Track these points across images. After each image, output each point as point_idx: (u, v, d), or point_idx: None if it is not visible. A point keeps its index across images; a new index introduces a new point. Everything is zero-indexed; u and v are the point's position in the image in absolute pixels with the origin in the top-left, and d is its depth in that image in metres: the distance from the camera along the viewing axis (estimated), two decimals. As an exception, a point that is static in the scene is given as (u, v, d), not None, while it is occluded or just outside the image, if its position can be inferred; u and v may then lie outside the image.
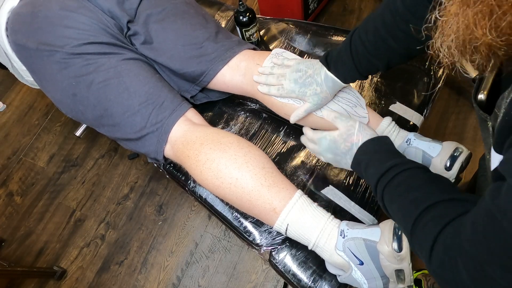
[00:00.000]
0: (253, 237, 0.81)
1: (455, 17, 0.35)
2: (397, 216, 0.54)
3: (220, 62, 0.84)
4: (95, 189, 1.52)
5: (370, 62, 0.67)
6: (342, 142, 0.66)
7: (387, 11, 0.62)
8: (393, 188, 0.55)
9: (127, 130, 0.81)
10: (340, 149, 0.66)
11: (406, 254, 0.60)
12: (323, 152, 0.70)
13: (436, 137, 0.77)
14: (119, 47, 0.82)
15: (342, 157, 0.67)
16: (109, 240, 1.42)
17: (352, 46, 0.67)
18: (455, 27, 0.36)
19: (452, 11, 0.36)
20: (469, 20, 0.34)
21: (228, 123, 0.95)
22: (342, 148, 0.66)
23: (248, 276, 1.29)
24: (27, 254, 1.44)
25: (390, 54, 0.65)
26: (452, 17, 0.36)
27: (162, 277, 1.34)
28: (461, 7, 0.34)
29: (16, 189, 1.56)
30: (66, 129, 1.67)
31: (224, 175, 0.70)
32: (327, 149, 0.69)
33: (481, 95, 0.48)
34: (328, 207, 0.81)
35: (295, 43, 1.03)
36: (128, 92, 0.78)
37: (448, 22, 0.37)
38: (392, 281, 0.63)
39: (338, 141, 0.67)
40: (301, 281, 0.76)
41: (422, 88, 0.92)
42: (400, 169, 0.55)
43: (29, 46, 0.80)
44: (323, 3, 1.67)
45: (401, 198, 0.53)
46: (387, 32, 0.62)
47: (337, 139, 0.67)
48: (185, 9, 0.88)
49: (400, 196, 0.53)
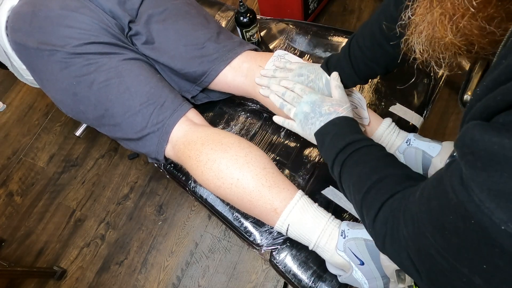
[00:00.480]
0: (253, 237, 0.81)
1: (423, 16, 0.38)
2: (350, 188, 0.55)
3: (221, 63, 0.84)
4: (95, 189, 1.52)
5: (368, 67, 0.68)
6: (328, 105, 0.65)
7: (382, 16, 0.62)
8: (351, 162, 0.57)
9: (128, 130, 0.81)
10: (320, 109, 0.66)
11: (407, 254, 0.60)
12: (302, 104, 0.69)
13: (436, 137, 0.77)
14: (120, 47, 0.82)
15: (315, 119, 0.66)
16: (109, 240, 1.42)
17: (350, 51, 0.68)
18: (423, 26, 0.39)
19: (421, 11, 0.38)
20: (434, 20, 0.36)
21: (228, 123, 0.95)
22: (324, 110, 0.65)
23: (248, 276, 1.29)
24: (27, 254, 1.44)
25: (388, 59, 0.66)
26: (421, 16, 0.38)
27: (162, 277, 1.34)
28: (427, 8, 0.37)
29: (16, 189, 1.56)
30: (66, 129, 1.67)
31: (225, 175, 0.70)
32: (309, 102, 0.68)
33: (467, 96, 0.49)
34: (328, 207, 0.81)
35: (295, 44, 1.03)
36: (129, 92, 0.78)
37: (418, 21, 0.40)
38: (393, 281, 0.63)
39: (325, 102, 0.66)
40: (302, 281, 0.76)
41: (422, 89, 0.92)
42: (360, 145, 0.57)
43: (29, 46, 0.80)
44: (323, 3, 1.67)
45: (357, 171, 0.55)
46: (383, 37, 0.63)
47: (325, 100, 0.67)
48: (186, 10, 0.88)
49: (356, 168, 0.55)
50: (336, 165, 0.59)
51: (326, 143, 0.63)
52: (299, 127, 0.70)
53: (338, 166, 0.58)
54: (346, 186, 0.58)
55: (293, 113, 0.71)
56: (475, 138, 0.28)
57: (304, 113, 0.68)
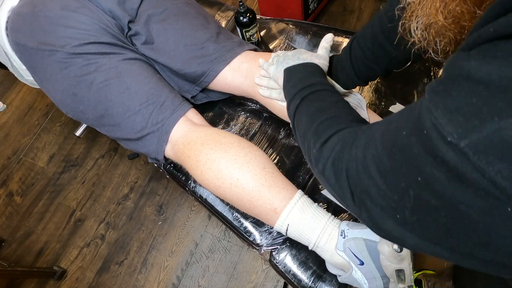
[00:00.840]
0: (253, 237, 0.81)
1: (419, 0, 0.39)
2: (303, 121, 0.56)
3: (221, 63, 0.84)
4: (95, 189, 1.52)
5: (369, 68, 0.68)
6: (308, 55, 0.68)
7: (384, 18, 0.62)
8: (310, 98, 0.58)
9: (127, 130, 0.81)
10: (299, 56, 0.68)
11: (407, 254, 0.60)
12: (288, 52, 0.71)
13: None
14: (120, 47, 0.82)
15: (291, 61, 0.68)
16: (109, 240, 1.42)
17: (351, 52, 0.68)
18: (420, 9, 0.40)
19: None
20: (428, 4, 0.38)
21: (228, 123, 0.95)
22: (303, 57, 0.68)
23: (248, 276, 1.29)
24: (27, 254, 1.44)
25: (389, 60, 0.66)
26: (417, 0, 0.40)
27: (162, 277, 1.34)
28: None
29: (16, 189, 1.56)
30: (66, 129, 1.67)
31: (224, 175, 0.70)
32: (293, 52, 0.70)
33: None
34: (328, 207, 0.81)
35: (295, 44, 1.03)
36: (128, 92, 0.78)
37: (414, 5, 0.41)
38: (393, 281, 0.63)
39: (307, 53, 0.69)
40: (302, 281, 0.76)
41: (422, 89, 0.92)
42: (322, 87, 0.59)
43: (29, 46, 0.80)
44: (323, 3, 1.67)
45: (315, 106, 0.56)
46: (384, 38, 0.63)
47: (307, 52, 0.69)
48: (186, 10, 0.88)
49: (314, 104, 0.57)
50: (295, 99, 0.60)
51: (292, 80, 0.64)
52: (274, 67, 0.71)
53: (297, 100, 0.59)
54: (299, 119, 0.58)
55: (274, 56, 0.73)
56: (449, 60, 0.30)
57: (285, 56, 0.70)
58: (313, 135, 0.51)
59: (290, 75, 0.66)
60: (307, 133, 0.53)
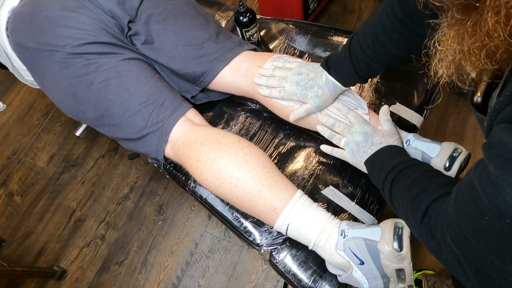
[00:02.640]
0: (253, 237, 0.81)
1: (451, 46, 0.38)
2: (399, 201, 0.58)
3: (220, 63, 0.84)
4: (95, 189, 1.52)
5: (369, 66, 0.68)
6: (379, 136, 0.71)
7: (384, 16, 0.62)
8: (399, 178, 0.60)
9: (127, 130, 0.81)
10: (372, 139, 0.71)
11: (407, 254, 0.60)
12: (355, 134, 0.73)
13: (436, 137, 0.77)
14: (120, 47, 0.82)
15: (366, 147, 0.71)
16: (109, 240, 1.42)
17: (351, 50, 0.68)
18: (451, 55, 0.39)
19: (449, 42, 0.38)
20: (464, 51, 0.37)
21: (228, 123, 0.95)
22: (376, 140, 0.70)
23: (248, 276, 1.29)
24: (27, 254, 1.44)
25: (389, 58, 0.66)
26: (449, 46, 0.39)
27: (162, 277, 1.34)
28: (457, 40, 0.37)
29: (16, 189, 1.56)
30: (66, 129, 1.67)
31: (224, 175, 0.70)
32: (361, 132, 0.73)
33: (477, 98, 0.49)
34: (328, 207, 0.81)
35: (295, 44, 1.03)
36: (128, 92, 0.78)
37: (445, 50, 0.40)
38: (393, 280, 0.63)
39: (377, 133, 0.71)
40: (302, 281, 0.76)
41: (422, 89, 0.92)
42: (407, 164, 0.61)
43: (29, 46, 0.80)
44: (323, 3, 1.67)
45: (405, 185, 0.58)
46: (385, 36, 0.63)
47: (377, 131, 0.72)
48: (186, 10, 0.88)
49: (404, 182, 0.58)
50: (386, 184, 0.62)
51: (376, 168, 0.67)
52: (350, 155, 0.74)
53: (388, 185, 0.62)
54: (396, 200, 0.60)
55: (344, 142, 0.75)
56: (504, 140, 0.29)
57: (356, 142, 0.73)
58: (411, 213, 0.53)
59: (372, 165, 0.69)
60: (407, 211, 0.55)
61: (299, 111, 0.77)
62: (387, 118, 0.75)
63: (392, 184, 0.61)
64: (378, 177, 0.65)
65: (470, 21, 0.34)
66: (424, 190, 0.53)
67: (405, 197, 0.56)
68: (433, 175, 0.58)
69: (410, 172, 0.60)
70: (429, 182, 0.55)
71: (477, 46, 0.35)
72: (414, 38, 0.61)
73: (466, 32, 0.35)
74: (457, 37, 0.37)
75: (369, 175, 0.70)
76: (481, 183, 0.34)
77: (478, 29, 0.33)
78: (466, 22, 0.34)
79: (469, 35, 0.35)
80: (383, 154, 0.68)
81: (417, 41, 0.62)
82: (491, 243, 0.34)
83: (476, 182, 0.35)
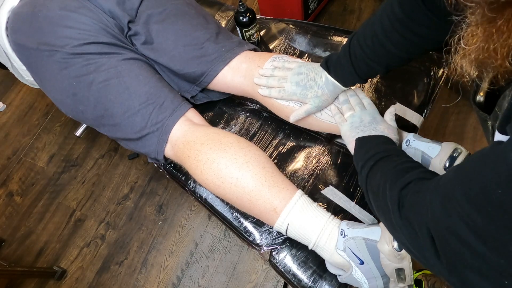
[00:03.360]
0: (253, 237, 0.81)
1: (477, 44, 0.37)
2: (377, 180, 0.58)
3: (220, 63, 0.84)
4: (95, 189, 1.52)
5: (369, 66, 0.68)
6: (385, 126, 0.71)
7: (385, 16, 0.62)
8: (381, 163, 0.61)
9: (127, 130, 0.81)
10: (377, 126, 0.71)
11: (407, 253, 0.60)
12: (364, 112, 0.73)
13: (436, 137, 0.77)
14: (120, 47, 0.82)
15: (366, 128, 0.71)
16: (109, 240, 1.42)
17: (351, 51, 0.68)
18: (475, 53, 0.38)
19: (475, 40, 0.37)
20: (490, 49, 0.36)
21: (228, 123, 0.95)
22: (380, 127, 0.71)
23: (248, 276, 1.29)
24: (27, 254, 1.44)
25: (389, 58, 0.66)
26: (474, 44, 0.37)
27: (162, 277, 1.34)
28: (485, 38, 0.36)
29: (16, 189, 1.56)
30: (66, 129, 1.67)
31: (224, 175, 0.70)
32: (371, 114, 0.73)
33: (479, 97, 0.49)
34: (328, 207, 0.81)
35: (295, 44, 1.03)
36: (128, 92, 0.79)
37: (469, 48, 0.38)
38: (393, 280, 0.63)
39: (384, 123, 0.72)
40: (301, 281, 0.76)
41: (422, 89, 0.92)
42: (395, 152, 0.62)
43: (29, 46, 0.80)
44: (323, 3, 1.67)
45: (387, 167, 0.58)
46: (385, 37, 0.63)
47: (384, 122, 0.73)
48: (186, 10, 0.88)
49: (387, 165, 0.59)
50: (369, 162, 0.63)
51: (365, 148, 0.67)
52: (347, 127, 0.73)
53: (370, 162, 0.62)
54: (372, 177, 0.60)
55: (351, 114, 0.74)
56: None
57: (361, 119, 0.73)
58: (390, 183, 0.53)
59: (362, 143, 0.69)
60: (381, 187, 0.55)
61: (299, 112, 0.77)
62: (392, 118, 0.75)
63: (376, 162, 0.61)
64: (364, 155, 0.65)
65: (503, 19, 0.33)
66: (411, 168, 0.54)
67: (386, 174, 0.56)
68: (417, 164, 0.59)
69: (402, 158, 0.60)
70: (414, 166, 0.56)
71: (506, 44, 0.34)
72: (414, 38, 0.61)
73: (496, 30, 0.34)
74: (485, 35, 0.36)
75: (354, 152, 0.70)
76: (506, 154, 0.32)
77: (511, 26, 0.33)
78: (498, 20, 0.34)
79: (499, 33, 0.34)
80: (379, 140, 0.68)
81: (417, 42, 0.62)
82: (493, 220, 0.32)
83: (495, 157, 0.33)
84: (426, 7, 0.56)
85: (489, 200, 0.33)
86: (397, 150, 0.64)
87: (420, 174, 0.52)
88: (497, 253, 0.33)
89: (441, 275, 0.41)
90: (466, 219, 0.35)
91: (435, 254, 0.41)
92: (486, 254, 0.34)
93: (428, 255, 0.42)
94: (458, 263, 0.37)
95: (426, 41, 0.61)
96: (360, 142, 0.69)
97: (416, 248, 0.45)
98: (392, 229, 0.52)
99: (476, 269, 0.35)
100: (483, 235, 0.34)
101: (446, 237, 0.38)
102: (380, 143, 0.67)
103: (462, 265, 0.37)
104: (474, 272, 0.36)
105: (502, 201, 0.31)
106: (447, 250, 0.39)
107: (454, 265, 0.38)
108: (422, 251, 0.43)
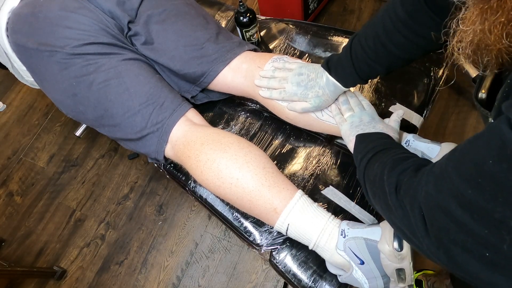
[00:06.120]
0: (253, 237, 0.82)
1: (473, 24, 0.38)
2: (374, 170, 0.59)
3: (221, 63, 0.84)
4: (95, 189, 1.52)
5: (370, 67, 0.68)
6: (384, 126, 0.71)
7: (387, 17, 0.62)
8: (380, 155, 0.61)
9: (127, 130, 0.81)
10: (375, 125, 0.71)
11: (407, 253, 0.60)
12: (363, 112, 0.74)
13: (436, 137, 0.78)
14: (120, 47, 0.82)
15: (366, 127, 0.71)
16: (109, 240, 1.42)
17: (352, 51, 0.68)
18: (471, 35, 0.39)
19: (471, 21, 0.38)
20: (485, 29, 0.37)
21: (228, 123, 0.95)
22: (379, 126, 0.71)
23: (248, 276, 1.29)
24: (27, 254, 1.44)
25: (391, 59, 0.66)
26: (470, 25, 0.39)
27: (162, 277, 1.34)
28: (480, 18, 0.37)
29: (16, 189, 1.56)
30: (66, 129, 1.67)
31: (224, 175, 0.71)
32: (370, 115, 0.74)
33: (482, 94, 0.49)
34: (328, 207, 0.81)
35: (295, 44, 1.03)
36: (128, 92, 0.79)
37: (466, 29, 0.40)
38: (393, 280, 0.63)
39: (382, 123, 0.72)
40: (302, 281, 0.76)
41: (422, 89, 0.92)
42: (392, 146, 0.63)
43: (29, 47, 0.80)
44: (323, 3, 1.67)
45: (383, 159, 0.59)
46: (387, 38, 0.63)
47: (383, 121, 0.73)
48: (186, 10, 0.88)
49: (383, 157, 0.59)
50: (368, 154, 0.63)
51: (364, 143, 0.67)
52: (347, 126, 0.74)
53: (369, 154, 0.62)
54: (370, 168, 0.60)
55: (350, 114, 0.75)
56: None
57: (361, 119, 0.73)
58: (389, 170, 0.53)
59: (362, 139, 0.69)
60: (379, 174, 0.55)
61: (296, 107, 0.77)
62: (397, 119, 0.75)
63: (375, 154, 0.61)
64: (362, 150, 0.66)
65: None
66: (410, 157, 0.55)
67: (384, 163, 0.56)
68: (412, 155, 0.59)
69: (400, 150, 0.61)
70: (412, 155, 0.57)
71: (500, 22, 0.35)
72: (416, 40, 0.61)
73: (490, 8, 0.35)
74: (480, 15, 0.37)
75: (353, 148, 0.70)
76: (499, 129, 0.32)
77: (503, 4, 0.34)
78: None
79: (493, 11, 0.35)
80: (377, 136, 0.68)
81: (419, 43, 0.62)
82: (484, 191, 0.33)
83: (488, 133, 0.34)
84: (429, 8, 0.57)
85: (480, 171, 0.34)
86: (396, 144, 0.65)
87: (418, 161, 0.53)
88: (481, 223, 0.34)
89: (431, 253, 0.42)
90: (455, 193, 0.36)
91: (425, 231, 0.42)
92: (471, 227, 0.35)
93: (419, 234, 0.43)
94: (445, 238, 0.38)
95: (428, 42, 0.61)
96: (360, 138, 0.69)
97: (407, 227, 0.46)
98: (387, 212, 0.52)
99: (461, 243, 0.36)
100: (471, 208, 0.35)
101: (436, 213, 0.39)
102: (380, 138, 0.67)
103: (448, 239, 0.38)
104: (458, 247, 0.37)
105: (493, 171, 0.32)
106: (435, 226, 0.40)
107: (441, 241, 0.39)
108: (413, 230, 0.44)
